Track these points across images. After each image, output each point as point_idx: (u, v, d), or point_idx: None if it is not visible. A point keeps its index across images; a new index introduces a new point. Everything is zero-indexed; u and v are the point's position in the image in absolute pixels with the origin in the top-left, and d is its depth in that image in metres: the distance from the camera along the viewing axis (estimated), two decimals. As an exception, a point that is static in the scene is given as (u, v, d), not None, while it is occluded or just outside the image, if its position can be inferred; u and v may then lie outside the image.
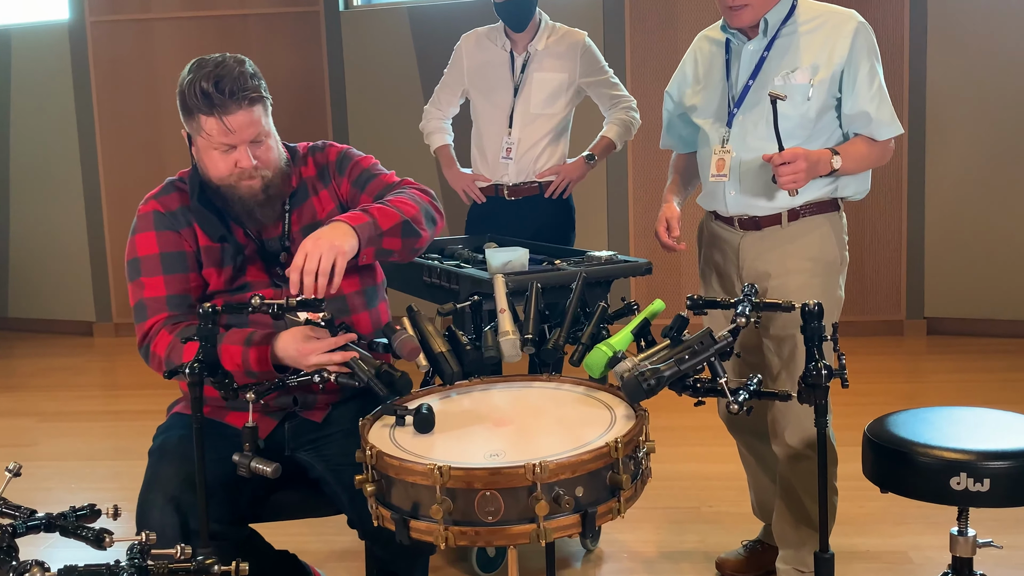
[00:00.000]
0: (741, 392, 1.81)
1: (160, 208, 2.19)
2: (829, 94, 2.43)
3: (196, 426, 1.80)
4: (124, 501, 1.65)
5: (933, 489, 2.07)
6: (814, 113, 2.43)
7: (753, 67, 2.48)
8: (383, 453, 1.68)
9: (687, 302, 2.00)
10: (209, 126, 2.05)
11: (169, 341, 2.08)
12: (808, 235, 2.49)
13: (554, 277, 2.77)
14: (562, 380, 2.08)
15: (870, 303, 5.63)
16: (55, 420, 4.74)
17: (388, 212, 2.11)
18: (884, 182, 5.44)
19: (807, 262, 2.48)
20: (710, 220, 2.65)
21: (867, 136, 2.46)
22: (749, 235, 2.54)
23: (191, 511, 1.99)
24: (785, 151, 2.32)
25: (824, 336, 1.82)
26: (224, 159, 2.09)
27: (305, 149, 2.31)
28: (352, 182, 2.28)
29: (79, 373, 5.66)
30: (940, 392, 4.60)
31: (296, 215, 2.24)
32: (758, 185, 2.47)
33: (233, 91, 2.03)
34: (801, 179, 2.33)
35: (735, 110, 2.50)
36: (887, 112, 2.44)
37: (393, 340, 1.97)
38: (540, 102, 3.68)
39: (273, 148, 2.16)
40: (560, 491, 1.58)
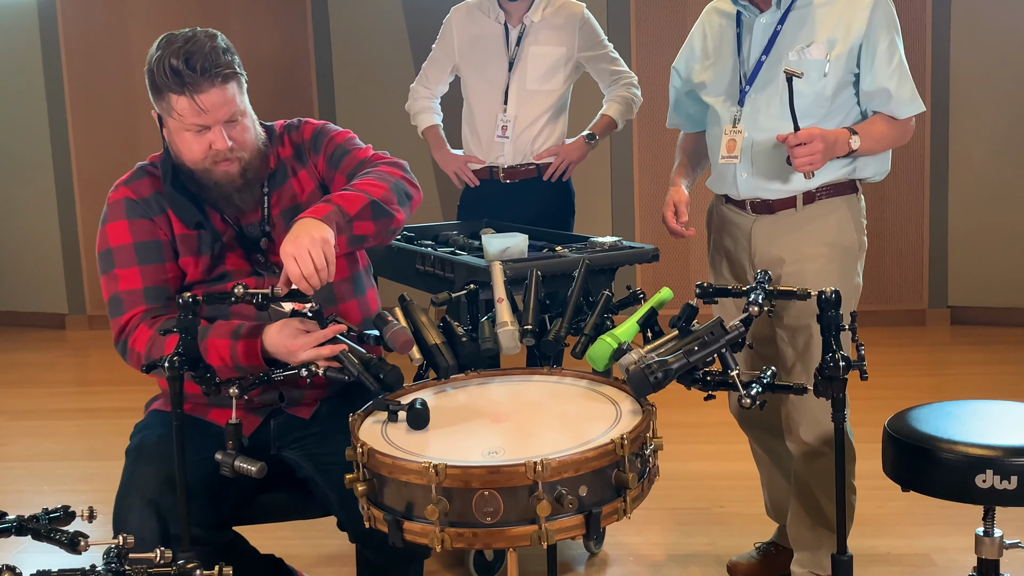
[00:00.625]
0: (754, 385, 1.81)
1: (131, 195, 2.18)
2: (846, 70, 2.43)
3: (176, 423, 1.80)
4: (100, 504, 1.65)
5: (957, 487, 2.08)
6: (831, 90, 2.43)
7: (766, 41, 2.48)
8: (375, 451, 1.69)
9: (696, 290, 2.00)
10: (180, 106, 2.04)
11: (149, 336, 2.08)
12: (824, 219, 2.50)
13: (555, 264, 2.77)
14: (564, 373, 2.09)
15: (890, 292, 5.63)
16: (25, 418, 4.74)
17: (352, 196, 2.09)
18: (906, 164, 5.44)
19: (823, 247, 2.48)
20: (720, 204, 2.65)
21: (887, 114, 2.46)
22: (762, 219, 2.54)
23: (171, 514, 2.00)
24: (801, 131, 2.32)
25: (842, 325, 1.83)
26: (197, 141, 2.09)
27: (281, 128, 2.30)
28: (327, 160, 2.27)
29: (51, 369, 5.66)
30: (964, 385, 4.61)
31: (275, 198, 2.23)
32: (771, 167, 2.47)
33: (205, 68, 2.02)
34: (818, 161, 2.33)
35: (747, 88, 2.50)
36: (908, 89, 2.44)
37: (385, 332, 1.97)
38: (537, 78, 3.67)
39: (250, 128, 2.15)
40: (563, 490, 1.59)
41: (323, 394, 2.26)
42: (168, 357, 1.81)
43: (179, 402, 1.80)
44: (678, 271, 5.71)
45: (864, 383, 1.91)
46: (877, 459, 2.30)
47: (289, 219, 2.21)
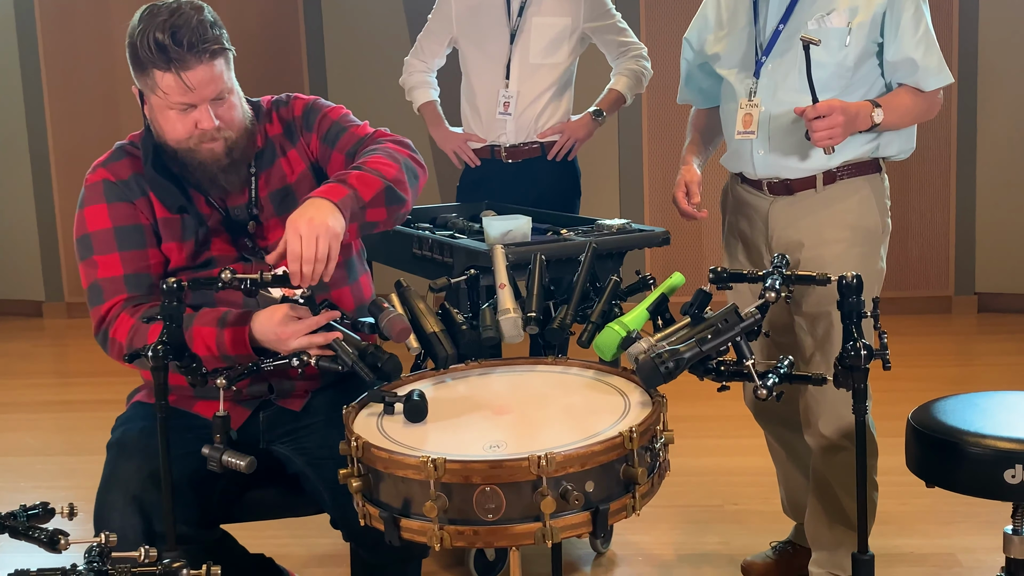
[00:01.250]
0: (770, 375, 1.81)
1: (110, 177, 2.18)
2: (869, 39, 2.42)
3: (160, 415, 1.81)
4: (80, 501, 1.66)
5: (985, 483, 2.08)
6: (852, 61, 2.42)
7: (784, 9, 2.47)
8: (370, 444, 1.69)
9: (709, 275, 2.00)
10: (165, 83, 2.04)
11: (131, 325, 2.08)
12: (846, 200, 2.49)
13: (560, 248, 2.77)
14: (569, 363, 2.09)
15: (914, 277, 5.63)
16: (1, 411, 4.75)
17: (368, 179, 2.08)
18: (931, 141, 5.43)
19: (845, 230, 2.48)
20: (735, 183, 2.65)
21: (912, 86, 2.45)
22: (779, 200, 2.53)
23: (155, 511, 2.00)
24: (820, 103, 2.32)
25: (864, 312, 1.83)
26: (182, 120, 2.09)
27: (269, 104, 2.30)
28: (321, 138, 2.26)
29: (27, 359, 5.67)
30: (992, 376, 4.62)
31: (263, 179, 2.23)
32: (789, 143, 2.47)
33: (192, 43, 2.02)
34: (838, 135, 2.32)
35: (763, 58, 2.49)
36: (935, 59, 2.43)
37: (380, 319, 1.97)
38: (540, 51, 3.67)
39: (237, 106, 2.15)
40: (568, 486, 1.59)
41: (315, 385, 2.26)
42: (152, 346, 1.81)
43: (163, 393, 1.81)
44: (690, 255, 5.71)
45: (886, 373, 1.91)
46: (900, 454, 2.30)
47: (278, 201, 2.22)
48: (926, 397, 2.41)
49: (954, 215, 5.55)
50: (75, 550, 1.51)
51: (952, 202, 5.54)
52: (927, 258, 5.61)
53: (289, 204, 2.22)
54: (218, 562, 1.58)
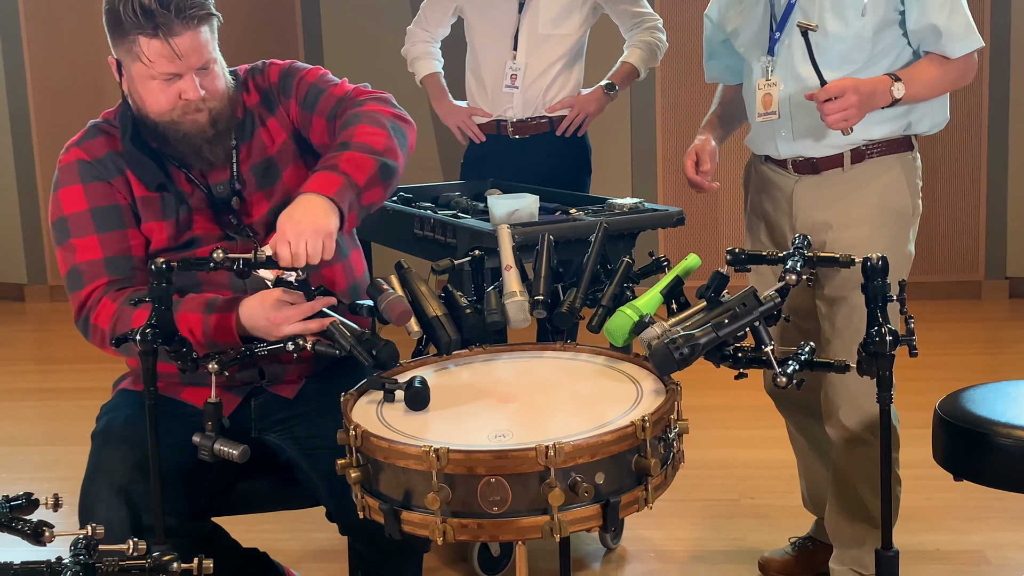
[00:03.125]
0: (790, 362, 1.81)
1: (85, 156, 2.18)
2: (889, 6, 2.39)
3: (149, 402, 1.81)
4: (64, 493, 1.66)
5: (1016, 476, 2.09)
6: (871, 30, 2.40)
7: None
8: (370, 433, 1.69)
9: (727, 256, 2.00)
10: (151, 50, 2.04)
11: (114, 310, 2.08)
12: (875, 179, 2.48)
13: (569, 228, 2.77)
14: (579, 349, 2.09)
15: (942, 261, 5.62)
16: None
17: (358, 159, 2.07)
18: (960, 117, 5.41)
19: (874, 211, 2.48)
20: (759, 161, 2.64)
21: (938, 54, 2.42)
22: (804, 180, 2.53)
23: (143, 503, 2.01)
24: (829, 85, 2.31)
25: (889, 296, 1.82)
26: (165, 90, 2.09)
27: (245, 73, 2.30)
28: (300, 102, 2.25)
29: (8, 344, 5.69)
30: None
31: (244, 151, 2.23)
32: (813, 122, 2.45)
33: (180, 8, 2.02)
34: (853, 116, 2.31)
35: (777, 34, 2.48)
36: (961, 22, 2.39)
37: (380, 302, 1.97)
38: (550, 21, 3.66)
39: (220, 75, 2.16)
40: (577, 478, 1.60)
41: (308, 371, 2.26)
42: (139, 330, 1.81)
43: (152, 380, 1.81)
44: (706, 236, 5.70)
45: (913, 361, 1.90)
46: (927, 446, 2.30)
47: (260, 175, 2.22)
48: (954, 386, 2.41)
49: (984, 196, 5.54)
50: (60, 543, 1.52)
51: (983, 182, 5.53)
52: (955, 241, 5.60)
53: (272, 176, 2.22)
54: (209, 556, 1.59)
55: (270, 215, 2.20)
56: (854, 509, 2.59)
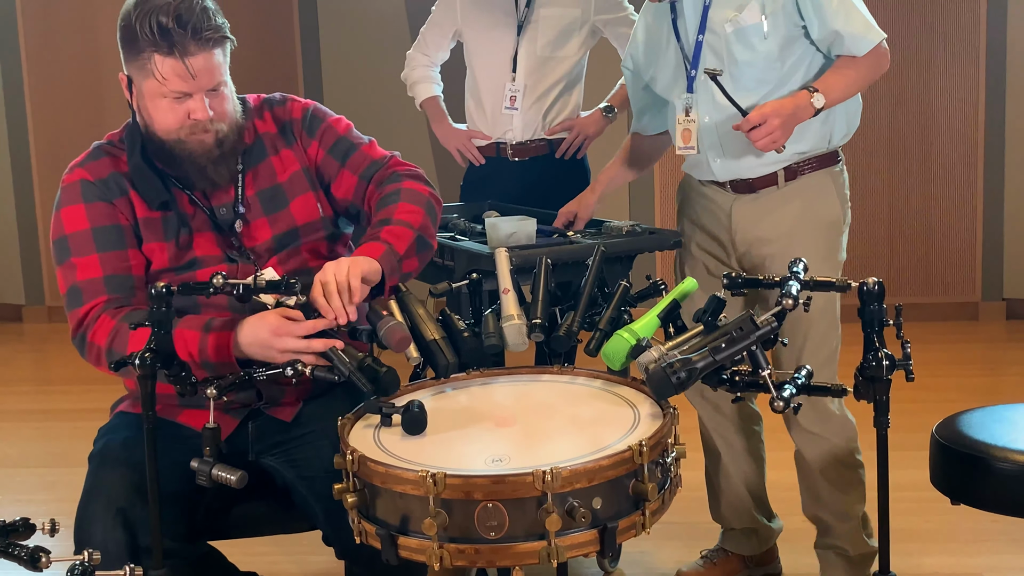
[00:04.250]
0: (787, 386, 1.81)
1: (88, 177, 2.19)
2: (789, 24, 2.50)
3: (148, 426, 1.81)
4: (61, 515, 1.66)
5: (1013, 500, 2.08)
6: (777, 50, 2.51)
7: (699, 20, 2.57)
8: (367, 458, 1.69)
9: (724, 280, 2.00)
10: (165, 68, 2.06)
11: (111, 327, 2.09)
12: (808, 194, 2.61)
13: (567, 251, 2.77)
14: (576, 373, 2.09)
15: (939, 282, 5.63)
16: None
17: (399, 231, 2.15)
18: (957, 142, 5.43)
19: (809, 224, 2.61)
20: (696, 180, 2.76)
21: (847, 55, 2.52)
22: (742, 198, 2.65)
23: (140, 525, 2.01)
24: (751, 114, 2.42)
25: (885, 320, 1.83)
26: (175, 109, 2.10)
27: (259, 102, 2.33)
28: (327, 150, 2.30)
29: (6, 365, 5.68)
30: (1022, 387, 4.61)
31: (251, 176, 2.25)
32: (742, 146, 2.56)
33: (197, 29, 2.05)
34: (780, 136, 2.42)
35: (693, 71, 2.60)
36: (859, 22, 2.49)
37: (379, 327, 1.98)
38: (548, 43, 3.67)
39: (229, 98, 2.18)
40: (575, 503, 1.59)
41: (306, 393, 2.26)
42: (139, 353, 1.82)
43: (151, 403, 1.81)
44: (703, 259, 5.69)
45: (910, 384, 1.90)
46: (923, 468, 2.30)
47: (266, 201, 2.23)
48: (951, 408, 2.41)
49: (981, 217, 5.54)
50: (57, 568, 1.52)
51: (979, 204, 5.53)
52: (952, 262, 5.60)
53: (278, 203, 2.24)
54: (206, 579, 1.58)
55: (273, 241, 2.23)
56: (822, 500, 2.72)
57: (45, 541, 1.57)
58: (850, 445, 2.68)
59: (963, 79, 5.41)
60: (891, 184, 5.52)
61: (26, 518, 1.58)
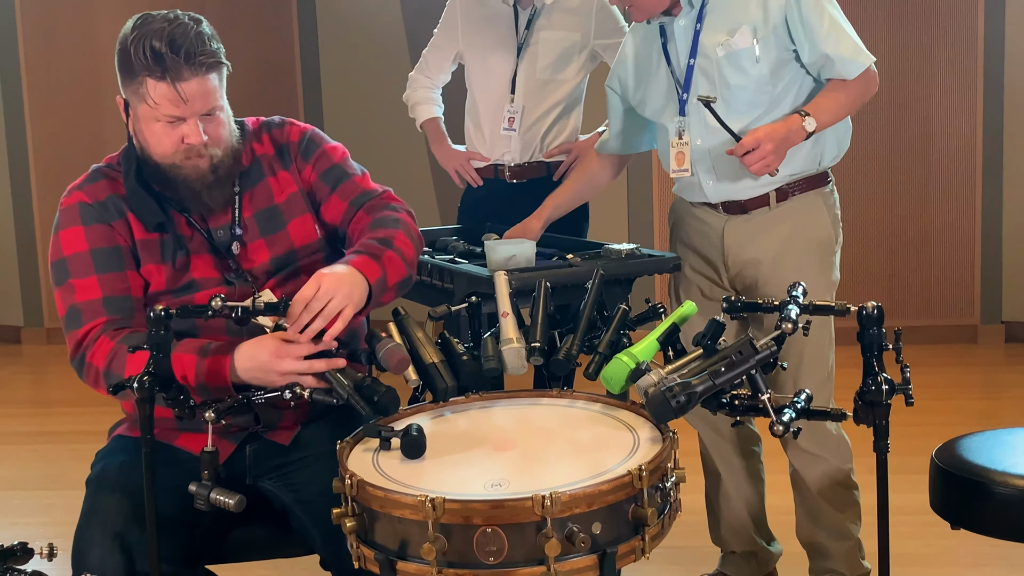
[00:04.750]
0: (786, 411, 1.81)
1: (87, 199, 2.20)
2: (780, 48, 2.53)
3: (146, 450, 1.81)
4: (58, 538, 1.66)
5: (1013, 525, 2.08)
6: (768, 73, 2.53)
7: (690, 44, 2.59)
8: (365, 482, 1.69)
9: (723, 304, 2.00)
10: (158, 93, 2.06)
11: (110, 348, 2.09)
12: (800, 215, 2.64)
13: (566, 275, 2.77)
14: (575, 396, 2.09)
15: (938, 305, 5.62)
16: (-25, 442, 4.75)
17: (397, 263, 2.16)
18: (955, 164, 5.44)
19: (801, 245, 2.63)
20: (685, 202, 2.79)
21: (837, 79, 2.54)
22: (734, 220, 2.67)
23: (137, 549, 2.00)
24: (744, 139, 2.45)
25: (885, 345, 1.83)
26: (169, 133, 2.11)
27: (257, 124, 2.33)
28: (319, 175, 2.30)
29: (4, 386, 5.67)
30: (1021, 410, 4.60)
31: (248, 197, 2.25)
32: (735, 168, 2.58)
33: (190, 54, 2.05)
34: (772, 160, 2.45)
35: (685, 95, 2.62)
36: (848, 46, 2.52)
37: (378, 350, 1.98)
38: (547, 66, 3.68)
39: (225, 123, 2.18)
40: (574, 528, 1.59)
41: (304, 417, 2.26)
42: (137, 377, 1.81)
43: (149, 427, 1.80)
44: (702, 281, 5.69)
45: (909, 408, 1.90)
46: (923, 491, 2.29)
47: (263, 222, 2.24)
48: (951, 431, 2.41)
49: (979, 241, 5.55)
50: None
51: (977, 227, 5.54)
52: (951, 285, 5.61)
53: (275, 225, 2.24)
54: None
55: (271, 264, 2.23)
56: (820, 521, 2.72)
57: (43, 565, 1.57)
58: (846, 465, 2.69)
59: (961, 104, 5.43)
60: (890, 208, 5.53)
61: (24, 542, 1.58)
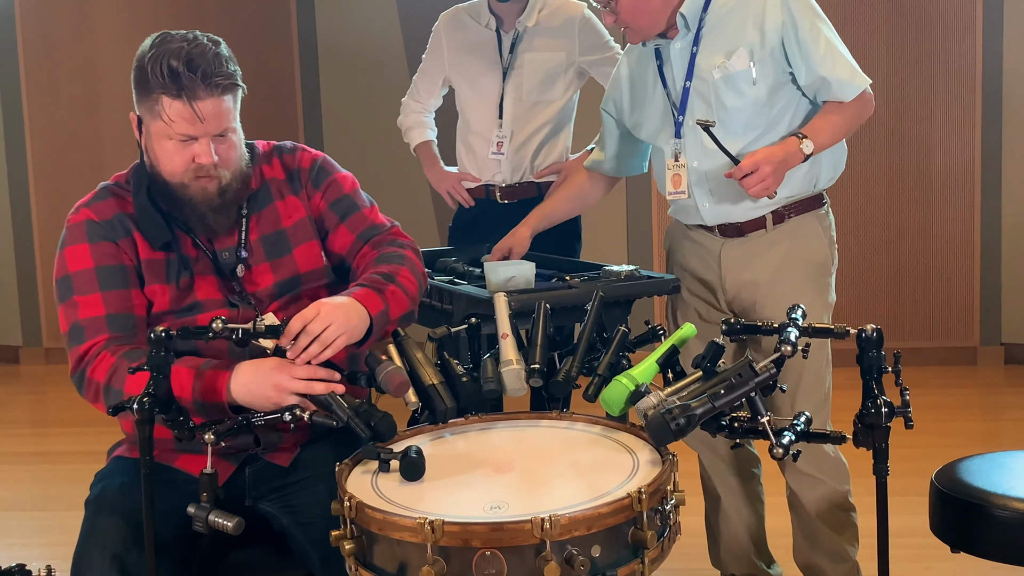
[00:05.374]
0: (786, 433, 1.81)
1: (94, 217, 2.20)
2: (777, 70, 2.54)
3: (145, 472, 1.80)
4: (56, 559, 1.66)
5: (1014, 548, 2.07)
6: (765, 96, 2.54)
7: (686, 67, 2.59)
8: (364, 504, 1.69)
9: (722, 326, 2.01)
10: (173, 110, 2.07)
11: (111, 364, 2.09)
12: (796, 238, 2.64)
13: (565, 296, 2.77)
14: (575, 418, 2.09)
15: (937, 327, 5.62)
16: (-27, 462, 4.74)
17: (400, 298, 2.16)
18: (953, 184, 5.45)
19: (797, 267, 2.63)
20: (684, 224, 2.78)
21: (834, 101, 2.55)
22: (731, 242, 2.67)
23: (136, 571, 1.99)
24: (743, 162, 2.45)
25: (884, 367, 1.83)
26: (180, 152, 2.11)
27: (268, 148, 2.34)
28: (328, 204, 2.31)
29: (2, 407, 5.66)
30: (1021, 432, 4.60)
31: (255, 220, 2.26)
32: (732, 190, 2.58)
33: (207, 74, 2.07)
34: (772, 183, 2.46)
35: (680, 117, 2.62)
36: (844, 69, 2.52)
37: (378, 373, 1.98)
38: (534, 87, 3.70)
39: (236, 146, 2.19)
40: (573, 551, 1.59)
41: (303, 439, 2.26)
42: (137, 398, 1.81)
43: (148, 448, 1.80)
44: (701, 302, 5.69)
45: (908, 431, 1.90)
46: (923, 513, 2.29)
47: (269, 246, 2.24)
48: (950, 453, 2.41)
49: (979, 263, 5.55)
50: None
51: (976, 250, 5.54)
52: (950, 307, 5.61)
53: (281, 249, 2.24)
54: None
55: (275, 288, 2.23)
56: (818, 543, 2.71)
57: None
58: (843, 487, 2.69)
59: (960, 127, 5.44)
60: (889, 231, 5.53)
61: (22, 564, 1.58)
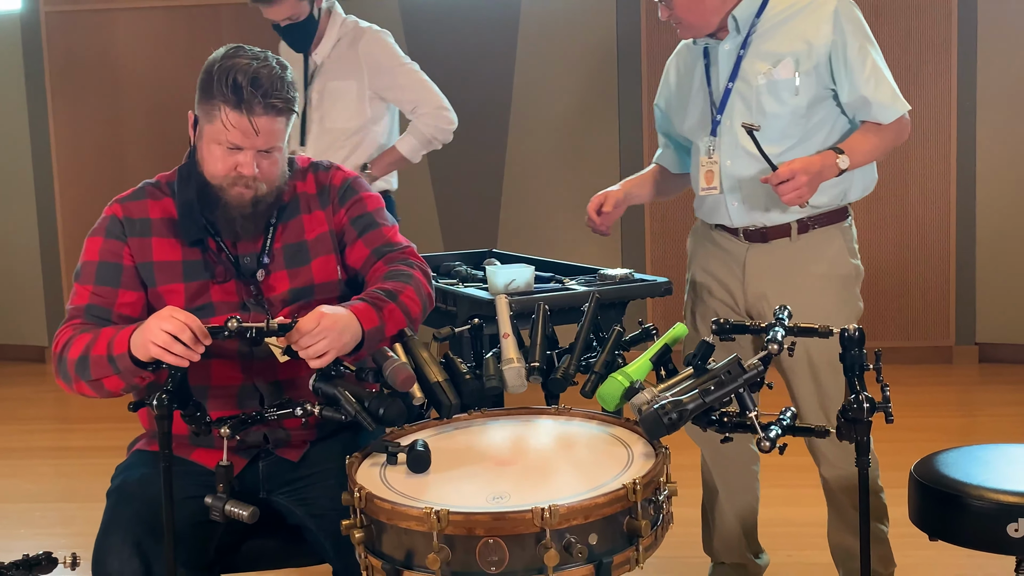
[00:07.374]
0: (773, 427, 1.81)
1: (119, 214, 2.22)
2: (820, 85, 2.50)
3: (164, 464, 1.81)
4: (79, 549, 1.65)
5: (988, 537, 2.07)
6: (805, 107, 2.49)
7: (731, 68, 2.56)
8: (373, 495, 1.69)
9: (712, 326, 2.01)
10: (230, 118, 2.08)
11: (68, 336, 2.10)
12: (820, 249, 2.58)
13: (564, 298, 2.77)
14: (573, 414, 2.09)
15: (915, 327, 5.63)
16: (0, 457, 4.74)
17: (398, 318, 2.13)
18: (930, 192, 5.46)
19: (821, 279, 2.57)
20: (708, 228, 2.72)
21: (872, 122, 2.51)
22: (755, 248, 2.61)
23: (155, 557, 2.00)
24: (781, 169, 2.40)
25: (866, 365, 1.83)
26: (225, 158, 2.13)
27: (306, 164, 2.35)
28: (351, 219, 2.31)
29: (28, 404, 5.66)
30: (994, 426, 4.60)
31: (281, 229, 2.26)
32: (761, 194, 2.54)
33: (268, 93, 2.08)
34: (805, 192, 2.40)
35: (718, 116, 2.58)
36: (887, 92, 2.49)
37: (384, 368, 1.98)
38: (334, 115, 3.76)
39: (279, 164, 2.20)
40: (572, 539, 1.59)
41: (312, 435, 2.26)
42: (156, 395, 1.82)
43: (167, 443, 1.81)
44: (691, 304, 5.69)
45: (889, 425, 1.90)
46: (903, 505, 2.29)
47: (290, 255, 2.24)
48: (928, 448, 2.40)
49: (954, 265, 5.56)
50: (76, 601, 1.51)
51: (952, 253, 5.55)
52: (928, 308, 5.61)
53: (300, 259, 2.25)
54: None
55: (289, 294, 2.23)
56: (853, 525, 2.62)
57: (66, 574, 1.56)
58: (873, 473, 2.65)
59: (935, 130, 5.44)
60: (868, 236, 5.53)
61: (48, 552, 1.58)
